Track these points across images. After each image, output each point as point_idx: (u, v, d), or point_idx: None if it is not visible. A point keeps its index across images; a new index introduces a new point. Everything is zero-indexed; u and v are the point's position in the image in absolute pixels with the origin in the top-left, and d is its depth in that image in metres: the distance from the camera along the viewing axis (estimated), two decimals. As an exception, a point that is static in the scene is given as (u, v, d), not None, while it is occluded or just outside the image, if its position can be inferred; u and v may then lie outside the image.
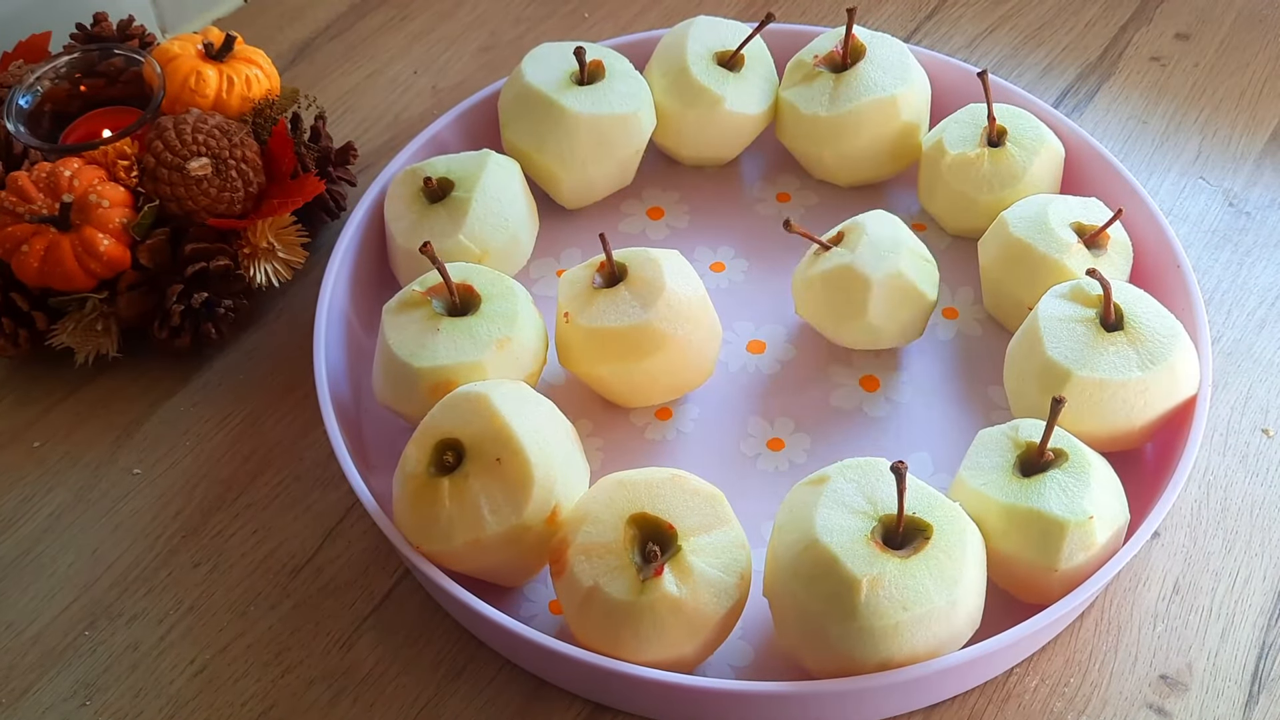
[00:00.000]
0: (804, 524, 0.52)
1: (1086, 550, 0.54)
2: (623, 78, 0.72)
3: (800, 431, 0.65)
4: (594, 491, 0.55)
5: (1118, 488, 0.56)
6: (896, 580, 0.50)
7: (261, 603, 0.60)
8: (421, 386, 0.59)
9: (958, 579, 0.51)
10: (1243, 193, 0.76)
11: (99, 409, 0.68)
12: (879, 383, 0.66)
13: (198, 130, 0.67)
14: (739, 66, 0.73)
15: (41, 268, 0.65)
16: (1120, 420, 0.58)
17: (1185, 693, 0.57)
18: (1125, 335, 0.58)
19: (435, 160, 0.69)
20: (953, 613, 0.51)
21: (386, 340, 0.61)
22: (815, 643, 0.52)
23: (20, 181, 0.66)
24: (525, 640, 0.54)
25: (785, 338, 0.69)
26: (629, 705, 0.56)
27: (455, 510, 0.54)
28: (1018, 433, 0.56)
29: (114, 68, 0.74)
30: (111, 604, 0.60)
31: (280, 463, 0.66)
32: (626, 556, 0.52)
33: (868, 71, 0.71)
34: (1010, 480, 0.55)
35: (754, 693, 0.53)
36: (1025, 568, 0.54)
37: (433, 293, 0.61)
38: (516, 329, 0.60)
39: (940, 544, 0.52)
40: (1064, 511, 0.53)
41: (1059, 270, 0.63)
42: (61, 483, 0.65)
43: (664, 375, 0.62)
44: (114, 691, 0.57)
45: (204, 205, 0.67)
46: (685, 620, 0.52)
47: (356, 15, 0.90)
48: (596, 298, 0.62)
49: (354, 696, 0.57)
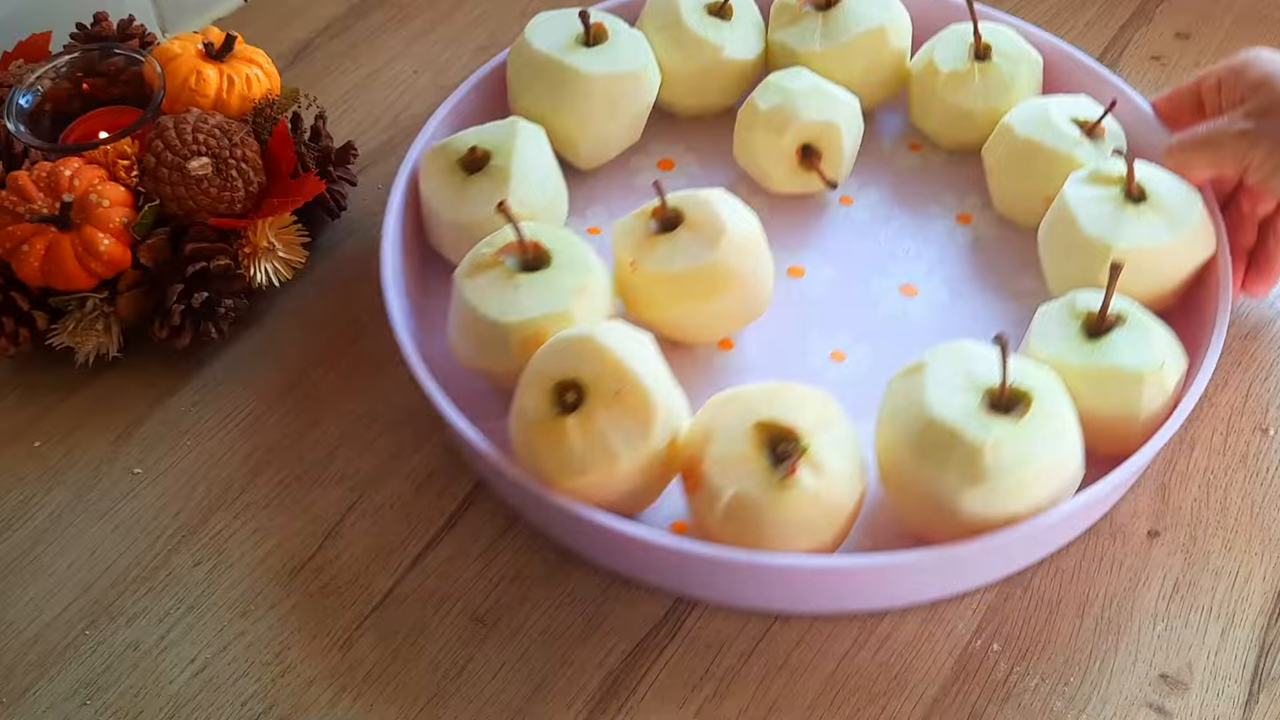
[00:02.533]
0: (916, 407, 0.56)
1: (1163, 395, 0.59)
2: (626, 36, 0.74)
3: (858, 341, 0.69)
4: (707, 412, 0.58)
5: (1174, 339, 0.61)
6: (1013, 441, 0.55)
7: (261, 602, 0.60)
8: (512, 341, 0.60)
9: (1063, 434, 0.56)
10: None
11: (99, 408, 0.68)
12: (917, 289, 0.71)
13: (198, 130, 0.67)
14: (729, 15, 0.76)
15: (42, 267, 0.65)
16: (1154, 284, 0.64)
17: (1185, 692, 0.57)
18: (1150, 206, 0.64)
19: (463, 134, 0.70)
20: (1063, 466, 0.56)
21: (468, 303, 0.62)
22: (946, 514, 0.56)
23: (21, 181, 0.66)
24: (692, 555, 0.56)
25: (820, 261, 0.73)
26: (789, 600, 0.59)
27: (585, 445, 0.56)
28: (1075, 303, 0.61)
29: (114, 67, 0.74)
30: (112, 603, 0.60)
31: (280, 462, 0.66)
32: (760, 461, 0.55)
33: (854, 6, 0.75)
34: (1081, 345, 0.60)
35: (913, 562, 0.56)
36: (1108, 422, 0.59)
37: (504, 252, 0.63)
38: (591, 277, 0.62)
39: (1042, 406, 0.56)
40: (1139, 363, 0.59)
41: (1069, 161, 0.68)
42: (62, 482, 0.65)
43: (733, 309, 0.65)
44: (114, 691, 0.57)
45: (204, 205, 0.67)
46: (824, 510, 0.55)
47: (356, 15, 0.90)
48: (658, 243, 0.64)
49: (354, 696, 0.57)
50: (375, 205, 0.77)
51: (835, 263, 0.73)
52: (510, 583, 0.61)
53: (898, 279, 0.72)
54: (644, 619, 0.60)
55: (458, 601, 0.60)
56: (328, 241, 0.75)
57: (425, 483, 0.65)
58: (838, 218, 0.75)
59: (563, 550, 0.62)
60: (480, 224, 0.65)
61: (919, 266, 0.72)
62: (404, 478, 0.65)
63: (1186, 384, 0.61)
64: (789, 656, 0.58)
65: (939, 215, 0.75)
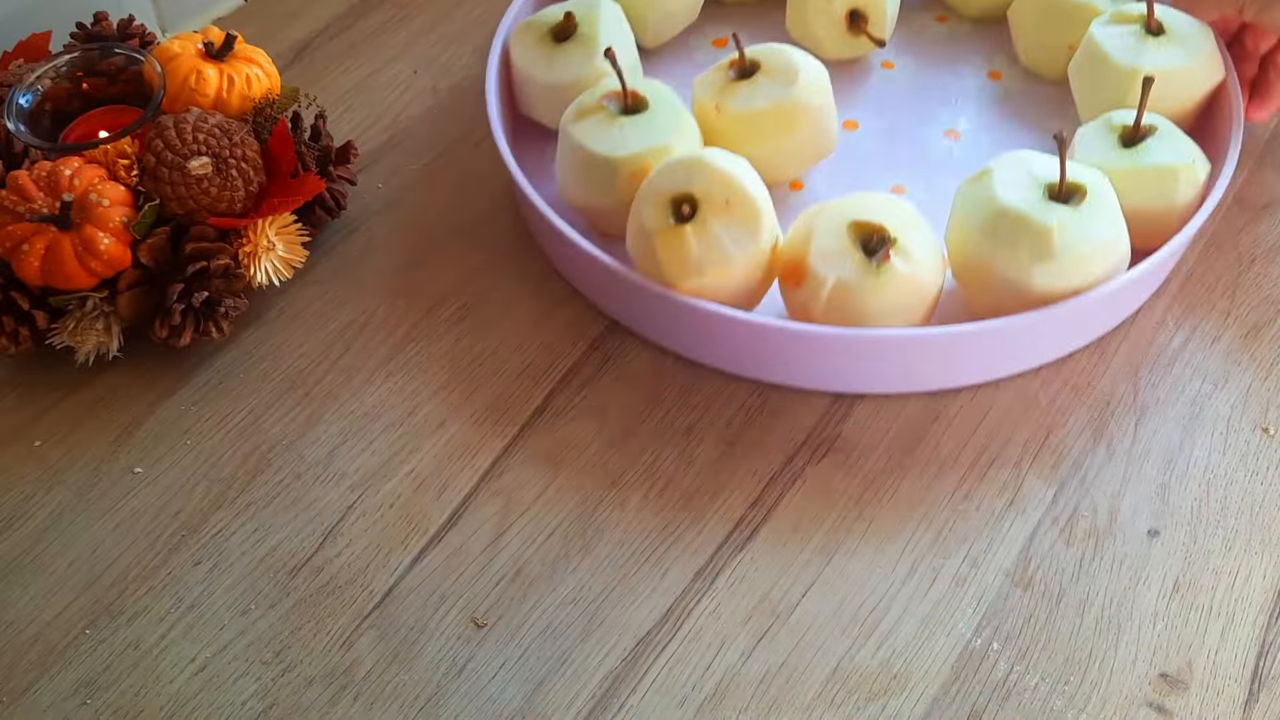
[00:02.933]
0: (987, 202, 0.65)
1: (1194, 188, 0.69)
2: None
3: (914, 178, 0.77)
4: (801, 221, 0.66)
5: (1196, 145, 0.70)
6: (1076, 223, 0.64)
7: (262, 601, 0.60)
8: (621, 175, 0.68)
9: (1114, 219, 0.65)
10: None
11: (100, 408, 0.68)
12: (960, 133, 0.80)
13: (198, 129, 0.67)
14: None
15: (42, 267, 0.65)
16: (1176, 104, 0.73)
17: (1185, 691, 0.57)
18: (1168, 39, 0.73)
19: (549, 9, 0.77)
20: (1117, 244, 0.65)
21: (579, 143, 0.69)
22: (1018, 291, 0.64)
23: (21, 180, 0.66)
24: (844, 336, 0.64)
25: (871, 114, 0.81)
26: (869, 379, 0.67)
27: (702, 249, 0.64)
28: (1112, 120, 0.70)
29: (114, 67, 0.74)
30: (112, 603, 0.60)
31: (280, 461, 0.66)
32: (856, 254, 0.64)
33: None
34: (1120, 152, 0.69)
35: (1002, 327, 0.64)
36: (1149, 215, 0.68)
37: (606, 98, 0.70)
38: (684, 118, 0.70)
39: (1096, 195, 0.65)
40: (1173, 160, 0.68)
41: (1089, 10, 0.77)
42: (62, 481, 0.65)
43: (806, 146, 0.74)
44: (114, 690, 0.58)
45: (204, 204, 0.67)
46: (915, 290, 0.64)
47: (356, 14, 0.90)
48: (738, 88, 0.72)
49: (354, 695, 0.57)
50: (376, 204, 0.77)
51: (884, 115, 0.81)
52: (510, 582, 0.61)
53: (941, 126, 0.80)
54: (644, 618, 0.60)
55: (458, 600, 0.60)
56: (328, 241, 0.75)
57: (425, 482, 0.65)
58: (882, 80, 0.83)
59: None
60: (573, 84, 0.74)
61: (959, 115, 0.81)
62: (404, 477, 0.65)
63: (1210, 183, 0.70)
64: (788, 655, 0.58)
65: (970, 74, 0.83)
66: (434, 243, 0.75)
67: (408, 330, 0.71)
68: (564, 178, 0.71)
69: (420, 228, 0.76)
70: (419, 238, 0.76)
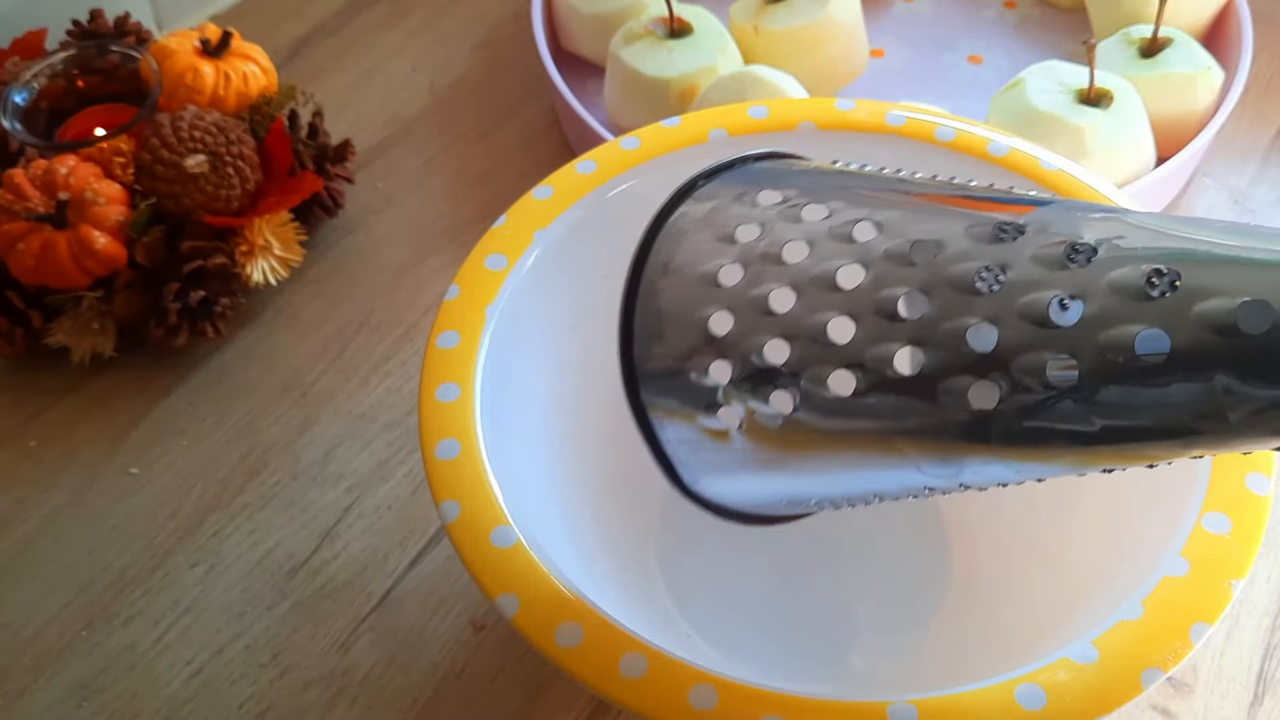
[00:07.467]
0: (1020, 107, 0.70)
1: (1211, 93, 0.74)
2: None
3: (941, 100, 0.81)
4: None
5: (1210, 54, 0.75)
6: (1105, 125, 0.68)
7: (258, 604, 0.60)
8: (672, 94, 0.73)
9: (1141, 121, 0.69)
10: (1249, 190, 0.76)
11: (95, 408, 0.68)
12: (982, 59, 0.85)
13: (194, 127, 0.67)
14: None
15: (37, 266, 0.65)
16: (1191, 17, 0.79)
17: (1190, 694, 0.57)
18: None
19: None
20: (1143, 146, 0.70)
21: (630, 66, 0.74)
22: None
23: (16, 179, 0.66)
24: None
25: (896, 44, 0.87)
26: None
27: None
28: (1130, 34, 0.75)
29: (110, 64, 0.73)
30: (108, 604, 0.60)
31: (277, 462, 0.65)
32: None
33: None
34: (1140, 63, 0.74)
35: None
36: (1170, 119, 0.73)
37: (652, 24, 0.75)
38: (727, 40, 0.76)
39: (1122, 101, 0.70)
40: (1192, 67, 0.73)
41: None
42: (58, 483, 0.65)
43: (838, 63, 0.78)
44: (111, 693, 0.57)
45: (201, 202, 0.67)
46: None
47: (354, 12, 0.89)
48: (775, 9, 0.77)
49: (352, 698, 0.57)
50: (374, 203, 0.77)
51: (909, 44, 0.87)
52: (509, 584, 0.61)
53: (963, 53, 0.86)
54: (644, 620, 0.59)
55: (457, 603, 0.60)
56: (325, 240, 0.75)
57: (423, 483, 0.64)
58: (904, 13, 0.89)
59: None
60: (617, 14, 0.80)
61: (979, 43, 0.87)
62: (402, 478, 0.64)
63: (1225, 88, 0.75)
64: (790, 658, 0.58)
65: (988, 3, 0.90)
66: (433, 242, 0.75)
67: (406, 330, 0.71)
68: (614, 102, 0.76)
69: (419, 226, 0.76)
70: (418, 237, 0.75)
